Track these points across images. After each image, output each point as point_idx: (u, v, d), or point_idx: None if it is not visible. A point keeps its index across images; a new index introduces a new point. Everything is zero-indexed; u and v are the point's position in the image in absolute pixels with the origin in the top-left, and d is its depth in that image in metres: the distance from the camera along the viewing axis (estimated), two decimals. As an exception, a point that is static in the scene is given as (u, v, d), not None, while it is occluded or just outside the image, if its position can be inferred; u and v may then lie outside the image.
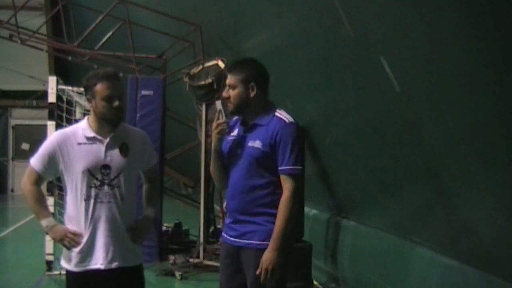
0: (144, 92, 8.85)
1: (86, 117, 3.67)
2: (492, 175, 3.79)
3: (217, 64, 8.32)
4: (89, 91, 3.56)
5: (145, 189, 3.84)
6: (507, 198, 3.73)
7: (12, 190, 19.34)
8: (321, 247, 7.36)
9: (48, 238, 7.76)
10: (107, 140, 3.55)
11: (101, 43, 10.10)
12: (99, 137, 3.55)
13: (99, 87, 3.51)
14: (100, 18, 9.90)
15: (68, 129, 3.69)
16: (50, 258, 7.74)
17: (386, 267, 5.88)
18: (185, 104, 9.91)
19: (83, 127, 3.59)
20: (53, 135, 3.69)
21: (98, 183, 3.51)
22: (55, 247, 7.69)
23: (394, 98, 4.53)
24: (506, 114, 3.34)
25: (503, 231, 3.92)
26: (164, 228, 9.62)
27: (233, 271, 3.65)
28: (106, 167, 3.52)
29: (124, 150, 3.58)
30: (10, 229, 12.57)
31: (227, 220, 3.73)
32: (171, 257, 8.56)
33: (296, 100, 6.96)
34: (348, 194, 6.97)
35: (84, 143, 3.54)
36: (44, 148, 3.58)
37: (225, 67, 7.85)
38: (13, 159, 19.47)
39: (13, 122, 19.69)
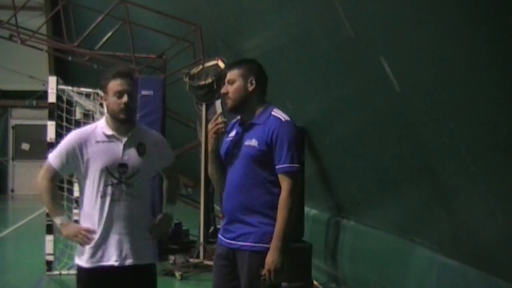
0: (144, 92, 8.85)
1: (104, 117, 3.70)
2: (492, 175, 3.79)
3: (217, 64, 8.31)
4: (104, 91, 3.61)
5: (165, 185, 3.92)
6: (507, 198, 3.73)
7: (12, 190, 19.33)
8: (321, 247, 7.35)
9: (48, 238, 7.76)
10: (125, 139, 3.59)
11: (101, 43, 10.10)
12: (117, 136, 3.59)
13: (112, 84, 3.56)
14: (100, 18, 9.90)
15: (86, 128, 3.72)
16: (50, 258, 7.71)
17: (386, 267, 5.87)
18: (185, 104, 9.90)
19: (101, 126, 3.62)
20: (72, 133, 3.71)
21: (115, 181, 3.54)
22: (55, 247, 7.70)
23: (394, 98, 4.53)
24: (506, 114, 3.34)
25: (503, 231, 3.91)
26: (164, 228, 9.60)
27: (227, 272, 3.64)
28: (123, 165, 3.56)
29: (141, 150, 3.62)
30: (10, 229, 12.57)
31: (223, 222, 3.72)
32: (171, 257, 8.56)
33: (296, 100, 6.96)
34: (348, 194, 6.96)
35: (103, 141, 3.57)
36: (63, 145, 3.60)
37: (225, 67, 7.85)
38: (13, 159, 19.47)
39: (13, 122, 19.69)
